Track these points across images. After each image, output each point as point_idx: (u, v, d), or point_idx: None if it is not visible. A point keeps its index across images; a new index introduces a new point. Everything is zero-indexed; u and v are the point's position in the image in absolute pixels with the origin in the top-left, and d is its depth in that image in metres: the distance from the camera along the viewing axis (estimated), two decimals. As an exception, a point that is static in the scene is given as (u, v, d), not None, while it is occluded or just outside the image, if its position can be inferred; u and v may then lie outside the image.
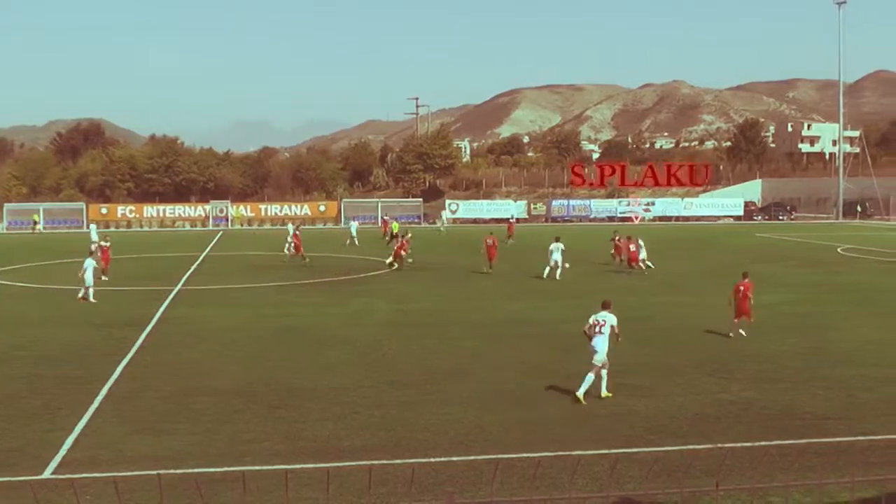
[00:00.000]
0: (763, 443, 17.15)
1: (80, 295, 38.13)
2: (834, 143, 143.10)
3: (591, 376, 20.76)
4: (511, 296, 39.82)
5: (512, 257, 55.89)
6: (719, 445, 16.38)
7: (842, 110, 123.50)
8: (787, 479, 13.99)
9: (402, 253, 51.58)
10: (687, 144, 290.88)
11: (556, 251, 45.49)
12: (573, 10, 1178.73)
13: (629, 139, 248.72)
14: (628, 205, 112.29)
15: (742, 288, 29.17)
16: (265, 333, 30.06)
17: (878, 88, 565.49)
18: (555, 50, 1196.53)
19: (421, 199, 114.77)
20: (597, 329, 21.13)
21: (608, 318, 21.24)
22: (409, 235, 56.28)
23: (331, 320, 33.00)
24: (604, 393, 20.98)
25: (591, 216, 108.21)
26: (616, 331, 21.24)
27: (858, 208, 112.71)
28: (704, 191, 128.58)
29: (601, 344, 20.93)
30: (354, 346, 27.62)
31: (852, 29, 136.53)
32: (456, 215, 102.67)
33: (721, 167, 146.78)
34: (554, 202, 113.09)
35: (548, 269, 45.46)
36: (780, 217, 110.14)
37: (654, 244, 52.30)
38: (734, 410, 19.84)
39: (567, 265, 45.61)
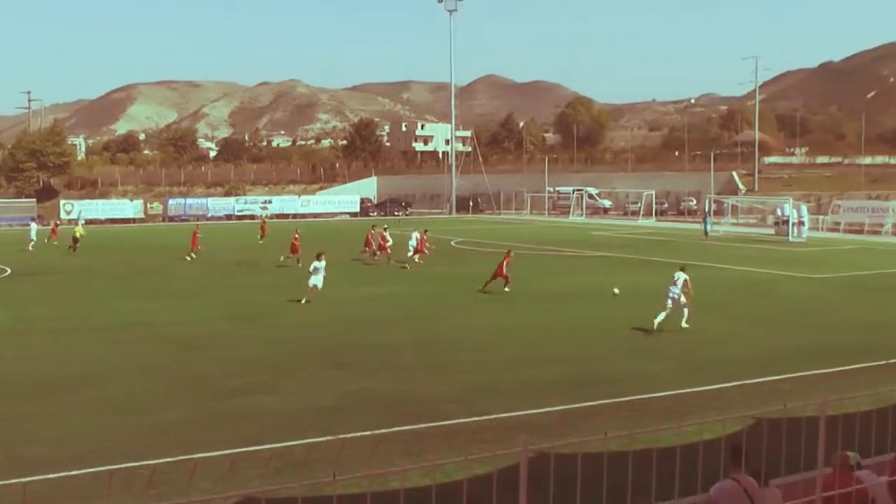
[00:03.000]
0: (383, 430, 17.71)
1: None
2: (447, 142, 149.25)
3: (663, 314, 29.39)
4: (129, 297, 38.77)
5: (130, 258, 54.54)
6: (340, 436, 16.71)
7: (454, 111, 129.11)
8: (405, 463, 14.49)
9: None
10: (304, 143, 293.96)
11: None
12: (188, 6, 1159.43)
13: (246, 137, 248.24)
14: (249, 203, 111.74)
15: (505, 261, 38.44)
16: None
17: (489, 91, 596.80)
18: (171, 45, 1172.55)
19: (34, 200, 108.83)
20: (673, 281, 30.32)
21: (681, 276, 30.55)
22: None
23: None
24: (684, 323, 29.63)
25: (209, 215, 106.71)
26: (688, 285, 30.32)
27: (471, 203, 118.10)
28: (321, 188, 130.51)
29: (674, 290, 29.90)
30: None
31: (464, 35, 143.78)
32: (71, 216, 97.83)
33: (337, 165, 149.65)
34: (171, 201, 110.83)
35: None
36: (396, 213, 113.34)
37: (278, 241, 52.58)
38: (355, 401, 20.37)
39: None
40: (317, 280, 35.99)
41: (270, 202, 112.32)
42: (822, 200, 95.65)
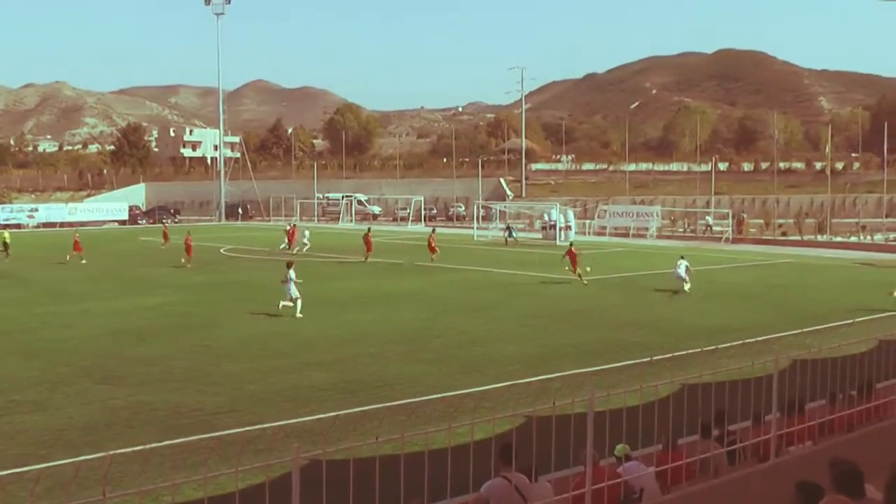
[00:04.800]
0: (154, 444, 17.32)
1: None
2: (215, 148, 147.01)
3: (686, 286, 40.88)
4: None
5: None
6: (110, 452, 16.25)
7: (222, 117, 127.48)
8: (178, 477, 14.21)
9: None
10: (71, 148, 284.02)
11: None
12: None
13: (12, 141, 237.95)
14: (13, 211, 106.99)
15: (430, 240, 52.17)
16: None
17: (257, 97, 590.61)
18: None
19: None
20: (677, 266, 41.51)
21: (682, 262, 41.69)
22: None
23: None
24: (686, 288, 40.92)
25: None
26: (690, 269, 41.92)
27: (240, 210, 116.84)
28: (89, 195, 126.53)
29: (680, 271, 41.20)
30: None
31: (232, 40, 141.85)
32: None
33: (105, 171, 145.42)
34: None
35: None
36: (165, 220, 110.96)
37: (39, 251, 50.61)
38: (125, 415, 19.85)
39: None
40: (292, 290, 34.76)
41: (37, 210, 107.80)
42: (588, 205, 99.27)
